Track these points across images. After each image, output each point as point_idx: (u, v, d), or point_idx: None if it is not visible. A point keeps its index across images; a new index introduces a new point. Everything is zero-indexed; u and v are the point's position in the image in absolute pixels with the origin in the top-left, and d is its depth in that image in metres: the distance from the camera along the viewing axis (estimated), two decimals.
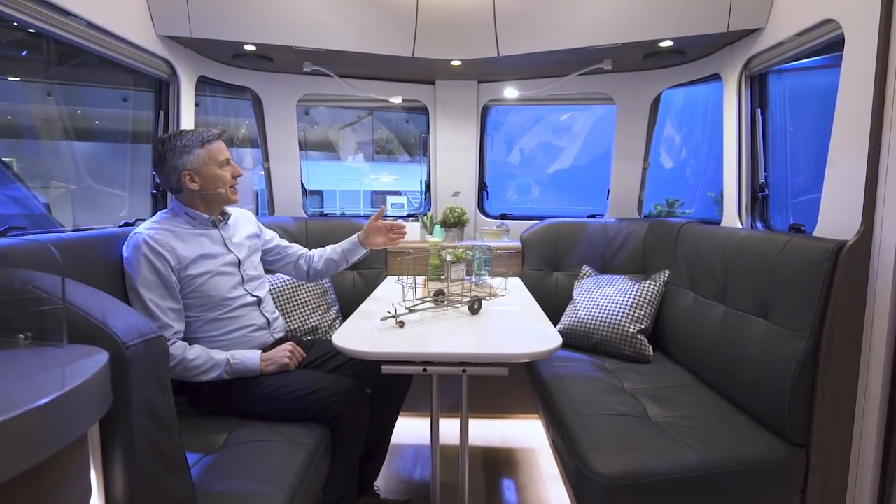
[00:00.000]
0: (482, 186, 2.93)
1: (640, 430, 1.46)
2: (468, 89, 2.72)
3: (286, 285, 2.18)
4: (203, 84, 2.34)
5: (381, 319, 1.55)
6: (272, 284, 2.14)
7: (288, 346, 1.65)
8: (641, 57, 2.29)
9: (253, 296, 1.71)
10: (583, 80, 2.56)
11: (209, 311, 1.60)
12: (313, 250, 1.97)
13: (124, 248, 1.52)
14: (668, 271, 2.20)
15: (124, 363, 0.89)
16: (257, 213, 3.13)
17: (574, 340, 2.20)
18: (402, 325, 1.51)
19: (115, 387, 0.84)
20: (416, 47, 2.19)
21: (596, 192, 2.93)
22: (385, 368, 1.34)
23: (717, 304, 1.79)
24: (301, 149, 2.81)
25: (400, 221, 1.99)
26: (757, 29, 1.87)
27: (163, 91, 2.11)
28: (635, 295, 2.13)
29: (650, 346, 2.07)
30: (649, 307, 2.11)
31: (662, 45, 2.08)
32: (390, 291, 2.09)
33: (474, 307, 1.68)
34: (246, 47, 2.13)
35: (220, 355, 1.53)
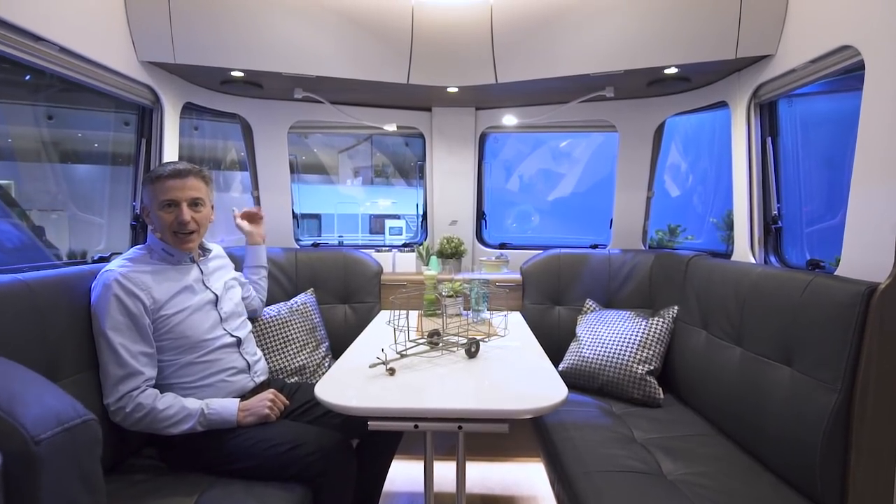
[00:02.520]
0: (480, 215, 2.83)
1: (654, 492, 1.32)
2: (466, 116, 2.64)
3: (273, 321, 2.05)
4: (191, 110, 2.26)
5: (370, 366, 1.42)
6: (260, 321, 2.01)
7: (268, 394, 1.52)
8: (645, 84, 2.21)
9: (233, 336, 1.59)
10: (584, 107, 2.48)
11: (184, 354, 1.47)
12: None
13: (93, 287, 1.40)
14: (676, 307, 2.07)
15: (31, 463, 0.71)
16: None
17: (578, 381, 2.06)
18: (392, 372, 1.38)
19: (12, 496, 0.68)
20: (411, 74, 2.11)
21: (597, 219, 2.82)
22: (372, 425, 1.20)
23: (732, 346, 1.66)
24: (295, 171, 2.71)
25: (246, 209, 2.06)
26: (767, 56, 1.79)
27: (146, 118, 2.01)
28: (643, 332, 2.00)
29: (660, 389, 1.93)
30: (658, 346, 1.98)
31: (667, 72, 2.01)
32: (382, 329, 1.97)
33: (471, 350, 1.55)
34: (234, 73, 2.05)
35: (193, 404, 1.40)
